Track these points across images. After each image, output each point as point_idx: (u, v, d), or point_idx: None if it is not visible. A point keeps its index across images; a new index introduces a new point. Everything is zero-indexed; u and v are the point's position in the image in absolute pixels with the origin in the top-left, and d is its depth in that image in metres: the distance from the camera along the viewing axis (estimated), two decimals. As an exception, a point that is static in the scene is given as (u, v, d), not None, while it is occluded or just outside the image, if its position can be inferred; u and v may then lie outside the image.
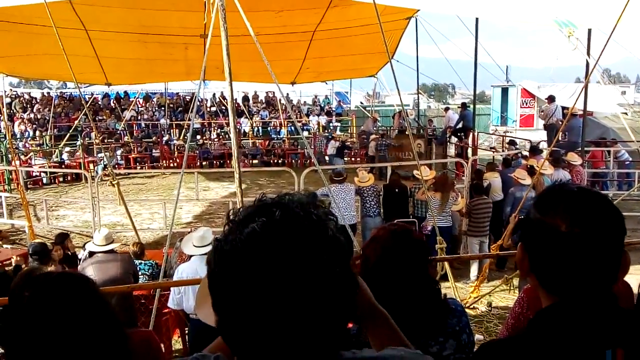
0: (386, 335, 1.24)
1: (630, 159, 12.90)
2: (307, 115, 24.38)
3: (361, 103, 28.85)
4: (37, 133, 19.81)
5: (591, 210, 1.13)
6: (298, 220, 0.84)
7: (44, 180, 16.58)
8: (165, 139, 20.64)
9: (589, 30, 9.63)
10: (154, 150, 19.91)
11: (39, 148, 18.45)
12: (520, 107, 23.63)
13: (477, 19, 12.46)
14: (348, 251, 0.89)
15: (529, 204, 1.31)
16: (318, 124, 23.21)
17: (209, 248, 0.97)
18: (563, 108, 15.08)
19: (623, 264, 1.16)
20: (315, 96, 26.96)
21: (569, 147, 11.77)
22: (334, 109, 25.86)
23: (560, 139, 11.64)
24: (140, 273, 5.89)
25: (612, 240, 1.13)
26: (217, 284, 0.86)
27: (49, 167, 16.43)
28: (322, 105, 26.04)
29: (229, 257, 0.84)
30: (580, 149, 11.40)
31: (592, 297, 1.12)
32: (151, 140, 20.61)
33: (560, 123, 12.52)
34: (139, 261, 6.11)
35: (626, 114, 16.85)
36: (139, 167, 18.59)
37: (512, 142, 14.74)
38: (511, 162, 10.53)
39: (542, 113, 15.94)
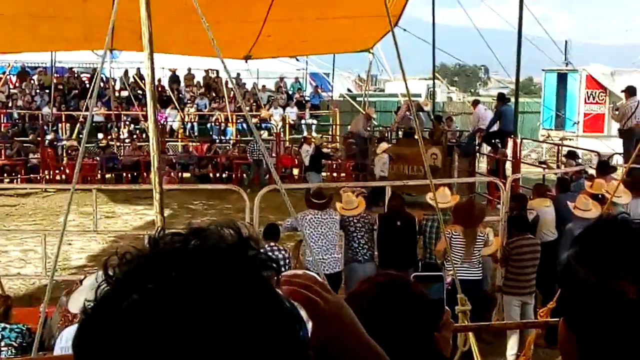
0: None
1: None
2: (268, 106, 24.43)
3: (349, 91, 29.06)
4: None
5: None
6: (203, 290, 0.80)
7: None
8: (49, 137, 20.45)
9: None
10: (31, 155, 19.70)
11: None
12: (585, 103, 24.00)
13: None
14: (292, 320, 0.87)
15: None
16: (284, 119, 23.22)
17: None
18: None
19: None
20: (281, 79, 27.12)
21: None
22: (307, 98, 26.00)
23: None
24: (3, 344, 5.79)
25: None
26: None
27: None
28: (291, 92, 26.15)
29: (96, 344, 0.81)
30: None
31: None
32: (28, 139, 20.37)
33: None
34: (3, 325, 6.01)
35: None
36: (7, 181, 18.39)
37: (573, 155, 14.92)
38: (570, 185, 10.65)
39: (617, 112, 16.22)
